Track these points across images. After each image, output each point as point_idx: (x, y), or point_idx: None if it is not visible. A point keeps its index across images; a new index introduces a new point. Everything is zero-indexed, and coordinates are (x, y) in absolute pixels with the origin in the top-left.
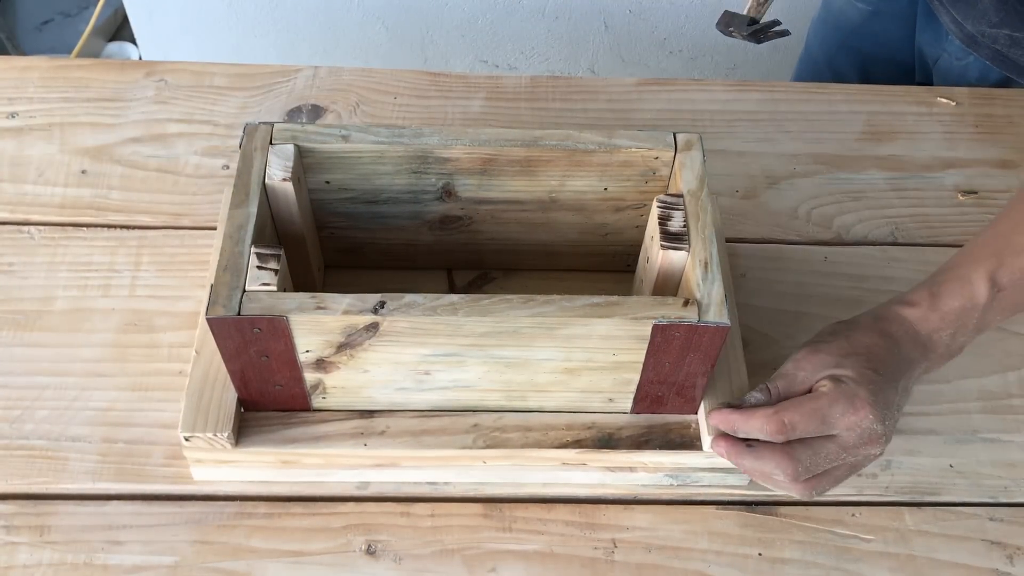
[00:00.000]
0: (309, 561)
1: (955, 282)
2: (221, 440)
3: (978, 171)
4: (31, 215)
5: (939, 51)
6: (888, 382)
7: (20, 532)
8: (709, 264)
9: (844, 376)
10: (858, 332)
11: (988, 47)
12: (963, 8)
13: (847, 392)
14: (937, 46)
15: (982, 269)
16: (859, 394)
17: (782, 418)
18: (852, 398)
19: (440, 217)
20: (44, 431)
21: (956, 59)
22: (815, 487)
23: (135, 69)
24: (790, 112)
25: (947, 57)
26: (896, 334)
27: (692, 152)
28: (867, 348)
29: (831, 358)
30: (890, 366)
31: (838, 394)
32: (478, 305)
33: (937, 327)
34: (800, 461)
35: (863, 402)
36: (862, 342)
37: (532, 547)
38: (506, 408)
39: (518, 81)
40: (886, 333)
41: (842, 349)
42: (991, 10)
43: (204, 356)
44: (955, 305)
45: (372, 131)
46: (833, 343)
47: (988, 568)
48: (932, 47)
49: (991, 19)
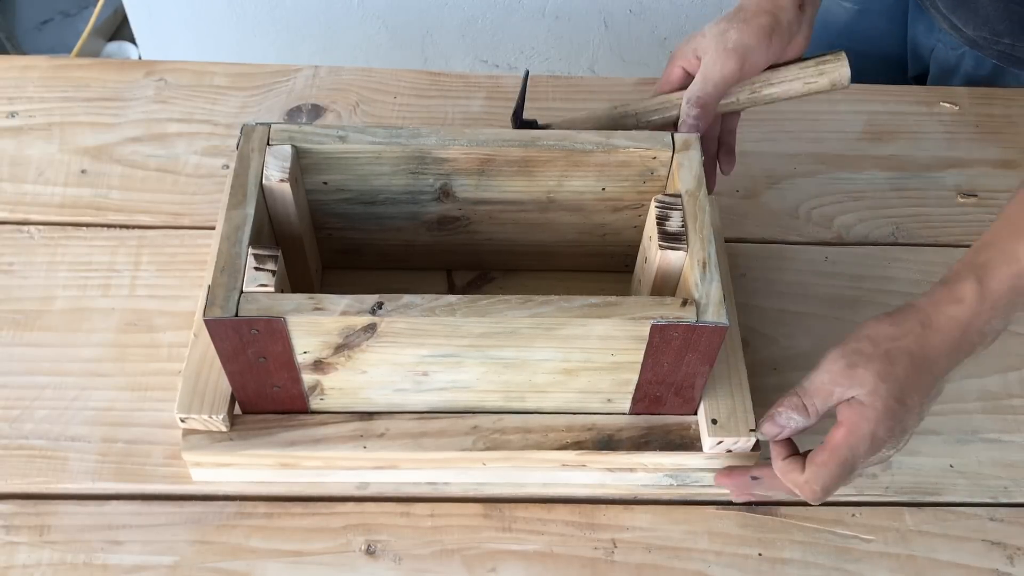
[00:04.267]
0: (309, 561)
1: (1001, 264)
2: (216, 422)
3: (979, 171)
4: (31, 215)
5: (934, 41)
6: (912, 411)
7: (20, 532)
8: (707, 264)
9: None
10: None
11: (992, 48)
12: (964, 15)
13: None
14: (931, 36)
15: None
16: (878, 433)
17: (816, 488)
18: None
19: (438, 218)
20: (44, 431)
21: (952, 48)
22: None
23: (135, 69)
24: (790, 112)
25: (942, 47)
26: (943, 345)
27: (690, 152)
28: (905, 371)
29: (868, 379)
30: (922, 388)
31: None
32: (476, 306)
33: (989, 318)
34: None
35: (881, 441)
36: (902, 363)
37: (532, 547)
38: (504, 409)
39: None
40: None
41: (880, 372)
42: (994, 18)
43: (202, 340)
44: (1005, 288)
45: (369, 132)
46: (873, 362)
47: (988, 568)
48: (926, 37)
49: (995, 27)
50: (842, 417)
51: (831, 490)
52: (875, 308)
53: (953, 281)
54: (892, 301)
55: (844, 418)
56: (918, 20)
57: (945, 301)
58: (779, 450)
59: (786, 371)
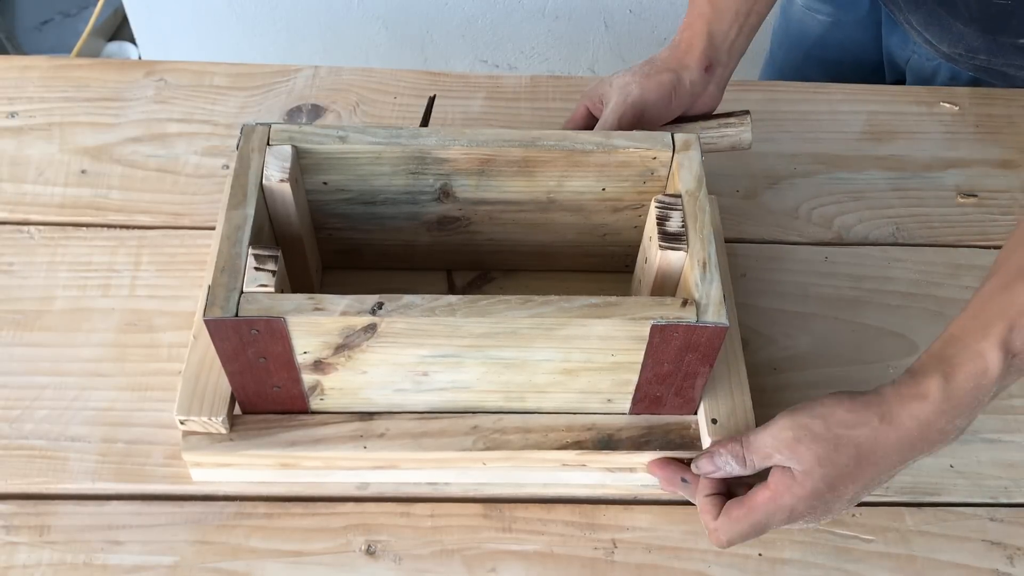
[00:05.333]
0: (309, 561)
1: (967, 361)
2: (216, 424)
3: (979, 171)
4: (31, 215)
5: (908, 53)
6: (841, 498)
7: (20, 532)
8: (707, 264)
9: (800, 483)
10: (852, 435)
11: (968, 62)
12: (937, 32)
13: (788, 506)
14: (906, 48)
15: (993, 337)
16: (798, 508)
17: (722, 538)
18: (792, 511)
19: (438, 218)
20: (44, 431)
21: (927, 60)
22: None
23: (135, 69)
24: (790, 112)
25: (917, 58)
26: (897, 443)
27: (690, 152)
28: (847, 461)
29: (808, 458)
30: (860, 479)
31: (779, 507)
32: (476, 306)
33: (952, 417)
34: (721, 540)
35: (798, 516)
36: (847, 452)
37: (532, 547)
38: (505, 409)
39: (518, 81)
40: (884, 443)
41: (821, 456)
42: (969, 36)
43: (201, 341)
44: (970, 387)
45: (369, 132)
46: (818, 443)
47: (988, 568)
48: (901, 49)
49: (969, 44)
50: (771, 481)
51: (736, 543)
52: (875, 308)
53: (920, 374)
54: (892, 301)
55: (772, 483)
56: (892, 32)
57: (909, 397)
58: (706, 484)
59: (786, 371)
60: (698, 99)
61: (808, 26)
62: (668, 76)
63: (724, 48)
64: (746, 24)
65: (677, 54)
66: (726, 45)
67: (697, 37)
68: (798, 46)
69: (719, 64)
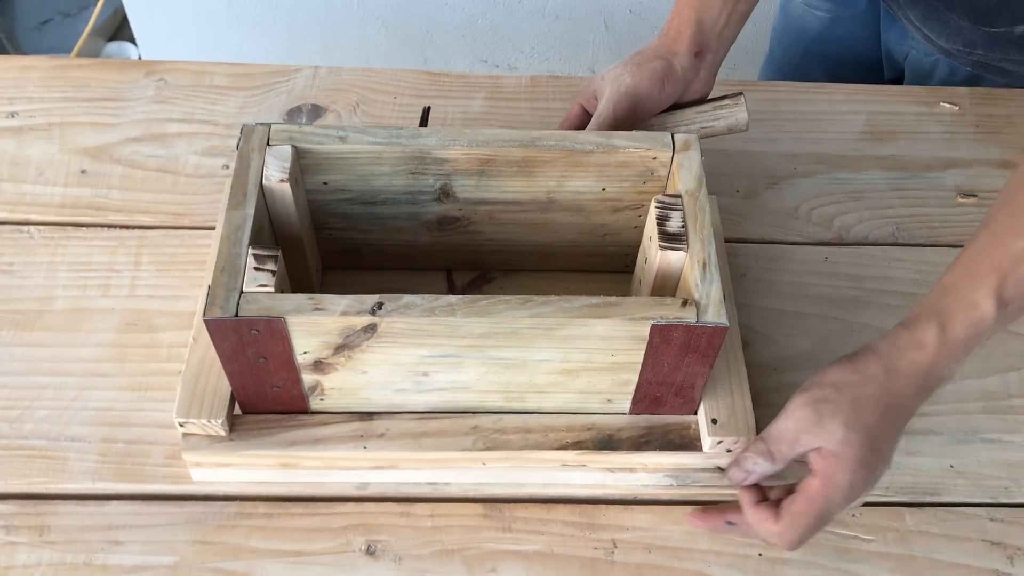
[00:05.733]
0: (309, 561)
1: (962, 311)
2: (215, 426)
3: (979, 171)
4: (31, 215)
5: (907, 48)
6: (883, 458)
7: (20, 532)
8: (707, 264)
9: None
10: (867, 392)
11: (966, 58)
12: (935, 27)
13: (846, 484)
14: (904, 44)
15: (986, 287)
16: (855, 483)
17: (793, 538)
18: (851, 488)
19: (438, 218)
20: (44, 431)
21: (925, 55)
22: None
23: (135, 69)
24: (790, 112)
25: (916, 54)
26: (908, 390)
27: (690, 152)
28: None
29: (837, 429)
30: (891, 433)
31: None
32: (476, 306)
33: (949, 363)
34: (792, 540)
35: (858, 491)
36: (868, 410)
37: (532, 547)
38: (505, 409)
39: (518, 81)
40: (897, 392)
41: (848, 421)
42: (966, 31)
43: (201, 343)
44: (965, 335)
45: (369, 132)
46: (840, 411)
47: (988, 568)
48: (899, 45)
49: (967, 39)
50: (816, 467)
51: (807, 540)
52: (875, 308)
53: (914, 325)
54: (892, 301)
55: (818, 469)
56: (891, 28)
57: (907, 346)
58: (748, 497)
59: (786, 371)
60: (690, 85)
61: (807, 22)
62: (659, 63)
63: (713, 34)
64: (735, 11)
65: (666, 42)
66: (715, 31)
67: (685, 24)
68: (797, 43)
69: (708, 50)
